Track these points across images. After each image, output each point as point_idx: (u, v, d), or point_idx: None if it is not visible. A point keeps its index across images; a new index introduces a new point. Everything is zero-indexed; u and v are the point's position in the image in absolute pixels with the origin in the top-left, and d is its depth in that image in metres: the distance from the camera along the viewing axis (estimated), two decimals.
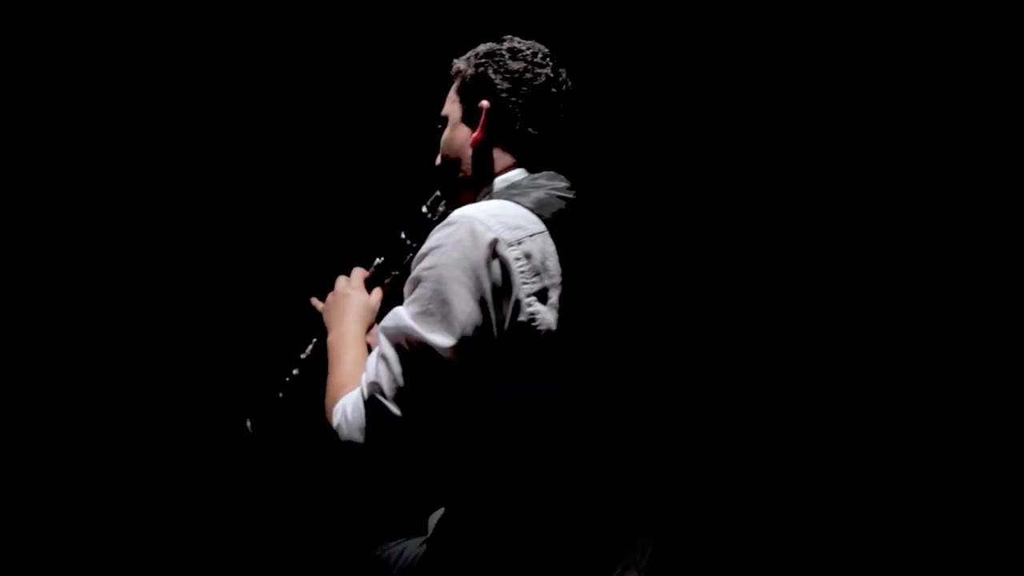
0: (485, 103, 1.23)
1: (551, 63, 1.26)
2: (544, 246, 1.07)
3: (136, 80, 2.27)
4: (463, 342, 1.02)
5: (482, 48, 1.28)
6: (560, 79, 1.26)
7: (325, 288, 1.45)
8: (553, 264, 1.07)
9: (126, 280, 2.29)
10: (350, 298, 1.36)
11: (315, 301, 1.50)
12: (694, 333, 2.22)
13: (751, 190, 2.23)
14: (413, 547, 1.32)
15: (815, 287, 2.16)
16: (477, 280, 1.03)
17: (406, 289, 1.10)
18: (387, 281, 1.44)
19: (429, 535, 1.28)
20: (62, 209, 2.25)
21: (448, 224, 1.08)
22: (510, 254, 1.04)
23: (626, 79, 2.24)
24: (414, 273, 1.08)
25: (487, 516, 1.12)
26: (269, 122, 2.34)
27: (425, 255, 1.08)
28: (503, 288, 1.04)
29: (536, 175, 1.22)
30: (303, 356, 1.53)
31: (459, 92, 1.29)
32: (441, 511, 1.28)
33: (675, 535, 1.29)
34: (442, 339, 1.01)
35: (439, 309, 1.02)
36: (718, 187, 2.25)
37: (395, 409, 1.03)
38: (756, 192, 2.23)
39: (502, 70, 1.23)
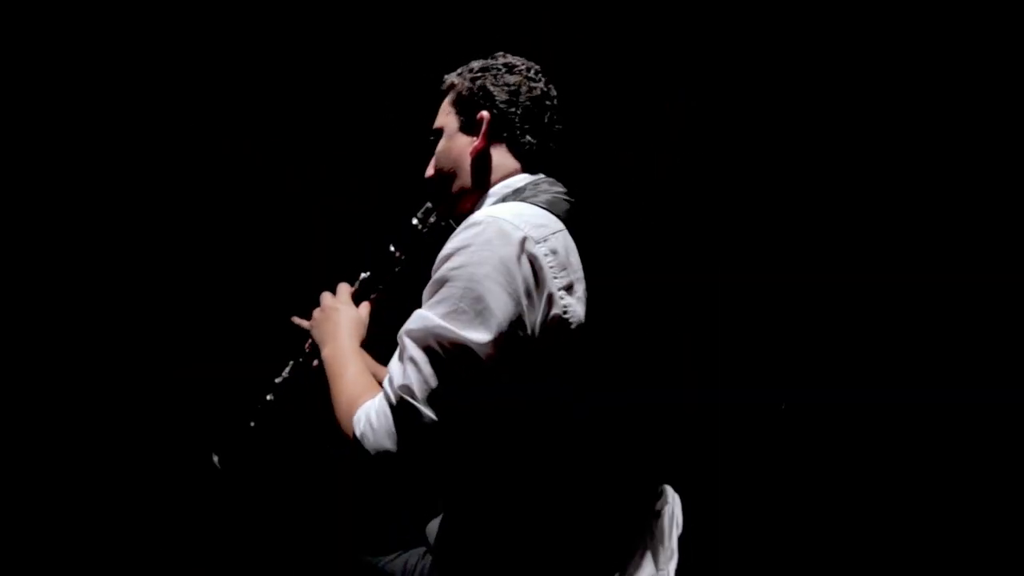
0: (485, 114, 1.27)
1: (543, 78, 1.32)
2: (566, 243, 1.11)
3: (136, 80, 2.26)
4: (500, 338, 1.02)
5: (476, 64, 1.32)
6: (552, 93, 1.32)
7: (325, 289, 1.45)
8: (575, 260, 1.11)
9: (126, 280, 2.29)
10: (340, 312, 1.35)
11: (297, 320, 1.47)
12: (694, 333, 2.22)
13: (751, 190, 2.23)
14: (415, 557, 1.30)
15: (815, 287, 2.16)
16: (510, 276, 1.04)
17: (427, 292, 1.10)
18: (373, 296, 1.42)
19: (432, 544, 1.27)
20: (62, 209, 2.25)
21: (473, 225, 1.09)
22: (539, 250, 1.07)
23: (626, 79, 2.24)
24: (439, 274, 1.08)
25: (499, 520, 1.12)
26: (269, 122, 2.34)
27: (450, 256, 1.08)
28: (536, 283, 1.06)
29: (537, 180, 1.25)
30: (278, 380, 1.47)
31: (455, 104, 1.31)
32: (438, 520, 1.27)
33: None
34: (479, 335, 1.02)
35: (472, 307, 1.03)
36: (718, 187, 2.25)
37: (428, 412, 1.02)
38: (756, 192, 2.23)
39: (500, 83, 1.28)
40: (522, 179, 1.26)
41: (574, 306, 1.08)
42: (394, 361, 1.09)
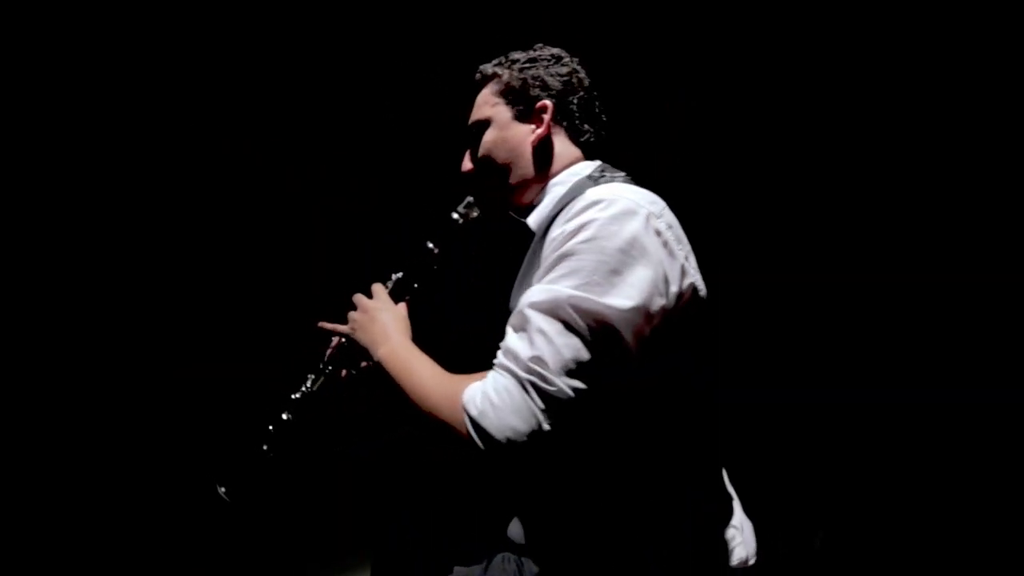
0: (547, 102, 1.24)
1: (584, 70, 1.29)
2: (673, 218, 1.11)
3: (137, 81, 2.27)
4: (641, 308, 1.00)
5: (520, 55, 1.28)
6: (593, 84, 1.30)
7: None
8: (683, 233, 1.11)
9: (127, 280, 2.29)
10: (384, 312, 1.26)
11: (329, 325, 1.33)
12: None
13: (751, 190, 2.23)
14: (512, 563, 1.21)
15: (815, 287, 2.16)
16: (643, 249, 1.03)
17: (545, 268, 1.06)
18: (407, 297, 1.34)
19: (525, 544, 1.19)
20: (63, 210, 2.25)
21: (595, 203, 1.06)
22: (660, 225, 1.06)
23: (626, 79, 2.24)
24: (563, 249, 1.04)
25: (626, 500, 1.08)
26: (269, 122, 2.34)
27: (576, 232, 1.04)
28: (668, 255, 1.05)
29: (602, 166, 1.22)
30: (296, 396, 1.34)
31: (504, 95, 1.26)
32: (516, 520, 1.21)
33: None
34: (619, 301, 0.99)
35: (606, 278, 1.00)
36: (717, 187, 2.25)
37: (563, 385, 0.97)
38: (756, 192, 2.23)
39: (553, 73, 1.25)
40: (588, 165, 1.23)
41: (698, 276, 1.09)
42: (512, 337, 1.03)
